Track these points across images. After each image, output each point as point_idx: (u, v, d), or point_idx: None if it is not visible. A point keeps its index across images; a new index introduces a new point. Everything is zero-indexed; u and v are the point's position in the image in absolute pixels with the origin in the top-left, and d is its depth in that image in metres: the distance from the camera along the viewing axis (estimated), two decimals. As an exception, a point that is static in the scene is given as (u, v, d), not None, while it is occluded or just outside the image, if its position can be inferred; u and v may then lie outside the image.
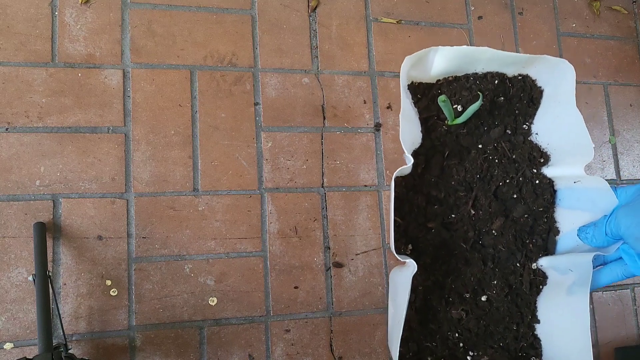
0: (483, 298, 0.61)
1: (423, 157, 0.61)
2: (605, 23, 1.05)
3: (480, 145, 0.62)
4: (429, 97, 0.62)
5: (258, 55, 0.86)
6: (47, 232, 0.73)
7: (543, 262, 0.61)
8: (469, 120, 0.62)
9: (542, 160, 0.62)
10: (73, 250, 0.75)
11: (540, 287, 0.61)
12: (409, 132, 0.58)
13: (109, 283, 0.75)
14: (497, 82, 0.62)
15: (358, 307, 0.82)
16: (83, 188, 0.76)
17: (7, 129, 0.75)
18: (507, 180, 0.62)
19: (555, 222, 0.62)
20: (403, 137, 0.54)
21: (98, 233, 0.76)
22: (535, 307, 0.61)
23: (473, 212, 0.61)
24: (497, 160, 0.62)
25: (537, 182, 0.62)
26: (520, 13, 1.00)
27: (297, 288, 0.81)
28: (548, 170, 0.62)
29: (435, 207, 0.61)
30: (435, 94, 0.62)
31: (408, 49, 0.93)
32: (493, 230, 0.61)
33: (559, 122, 0.59)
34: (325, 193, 0.84)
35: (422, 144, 0.61)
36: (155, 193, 0.78)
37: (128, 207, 0.77)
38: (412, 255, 0.59)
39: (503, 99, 0.62)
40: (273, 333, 0.79)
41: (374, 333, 0.82)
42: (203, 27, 0.85)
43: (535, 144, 0.63)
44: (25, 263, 0.73)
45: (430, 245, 0.61)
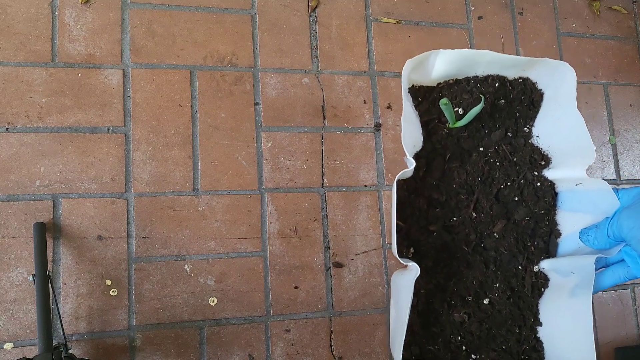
0: (485, 301, 0.60)
1: (424, 160, 0.61)
2: (605, 23, 1.05)
3: (481, 148, 0.62)
4: (430, 100, 0.62)
5: (258, 55, 0.86)
6: (47, 232, 0.73)
7: (545, 264, 0.61)
8: (470, 123, 0.61)
9: (543, 163, 0.62)
10: (73, 250, 0.75)
11: (542, 289, 0.61)
12: (411, 135, 0.58)
13: (109, 283, 0.75)
14: (497, 85, 0.62)
15: (358, 307, 0.82)
16: (83, 188, 0.76)
17: (7, 129, 0.75)
18: (508, 183, 0.62)
19: (557, 224, 0.62)
20: (405, 140, 0.54)
21: (98, 233, 0.76)
22: (537, 309, 0.61)
23: (474, 215, 0.61)
24: (498, 163, 0.62)
25: (538, 184, 0.62)
26: (520, 13, 1.00)
27: (297, 288, 0.81)
28: (549, 173, 0.62)
29: (437, 210, 0.61)
30: (436, 97, 0.62)
31: (408, 49, 0.93)
32: (495, 233, 0.61)
33: (560, 124, 0.59)
34: (325, 193, 0.84)
35: (423, 147, 0.61)
36: (155, 193, 0.78)
37: (128, 207, 0.77)
38: (413, 259, 0.59)
39: (504, 102, 0.62)
40: (273, 333, 0.79)
41: (374, 333, 0.82)
42: (203, 27, 0.85)
43: (536, 147, 0.63)
44: (25, 263, 0.73)
45: (432, 248, 0.61)
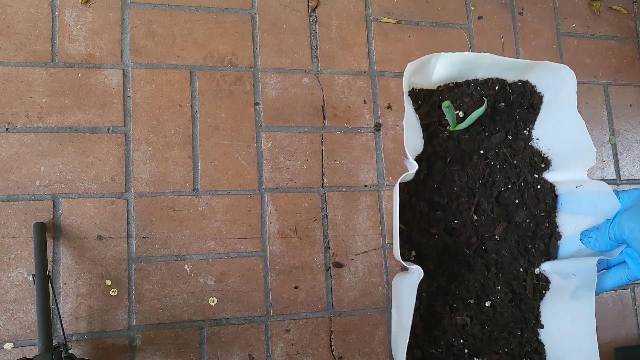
0: (487, 304, 0.61)
1: (425, 163, 0.61)
2: (605, 23, 1.05)
3: (482, 151, 0.62)
4: (430, 103, 0.62)
5: (258, 55, 0.86)
6: (47, 232, 0.73)
7: (545, 266, 0.61)
8: (471, 126, 0.62)
9: (543, 166, 0.62)
10: (73, 250, 0.75)
11: (543, 292, 0.61)
12: (412, 138, 0.58)
13: (109, 283, 0.75)
14: (497, 88, 0.62)
15: (358, 307, 0.82)
16: (83, 188, 0.76)
17: (7, 129, 0.75)
18: (509, 186, 0.62)
19: (557, 226, 0.62)
20: (407, 143, 0.54)
21: (98, 233, 0.76)
22: (539, 312, 0.61)
23: (476, 217, 0.61)
24: (498, 166, 0.62)
25: (538, 187, 0.62)
26: (520, 13, 1.00)
27: (297, 288, 0.81)
28: (549, 175, 0.62)
29: (438, 212, 0.61)
30: (436, 100, 0.62)
31: (408, 49, 0.93)
32: (496, 236, 0.61)
33: (560, 127, 0.59)
34: (325, 193, 0.84)
35: (424, 150, 0.61)
36: (155, 193, 0.78)
37: (128, 207, 0.77)
38: (415, 262, 0.59)
39: (504, 105, 0.63)
40: (273, 333, 0.79)
41: (374, 333, 0.82)
42: (203, 27, 0.85)
43: (536, 149, 0.63)
44: (25, 263, 0.73)
45: (434, 251, 0.61)
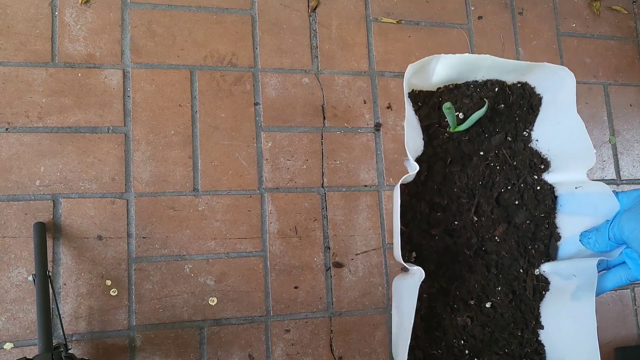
0: (487, 304, 0.61)
1: (425, 164, 0.61)
2: (605, 23, 1.05)
3: (482, 152, 0.63)
4: (430, 104, 0.62)
5: (258, 55, 0.86)
6: (47, 232, 0.73)
7: (545, 267, 0.61)
8: (470, 128, 0.62)
9: (542, 167, 0.62)
10: (73, 250, 0.75)
11: (543, 293, 0.61)
12: (412, 139, 0.59)
13: (109, 283, 0.75)
14: (497, 89, 0.62)
15: (358, 307, 0.82)
16: (83, 188, 0.76)
17: (7, 129, 0.75)
18: (508, 187, 0.62)
19: (557, 227, 0.62)
20: (408, 144, 0.54)
21: (98, 233, 0.76)
22: (539, 312, 0.61)
23: (476, 218, 0.61)
24: (498, 167, 0.62)
25: (538, 188, 0.62)
26: (520, 13, 1.00)
27: (297, 288, 0.81)
28: (549, 177, 0.62)
29: (439, 214, 0.61)
30: (436, 102, 0.62)
31: (408, 49, 0.93)
32: (496, 237, 0.62)
33: (559, 128, 0.60)
34: (325, 193, 0.84)
35: (424, 152, 0.61)
36: (155, 193, 0.79)
37: (128, 207, 0.77)
38: (416, 263, 0.59)
39: (503, 106, 0.63)
40: (273, 333, 0.79)
41: (374, 333, 0.82)
42: (203, 27, 0.85)
43: (536, 151, 0.63)
44: (25, 263, 0.73)
45: (434, 252, 0.61)
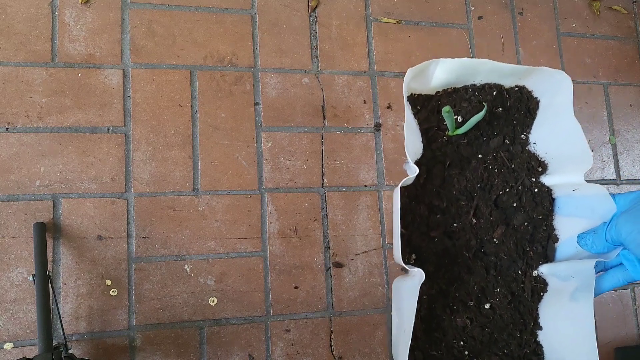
0: (486, 306, 0.61)
1: (424, 167, 0.62)
2: (605, 23, 1.05)
3: (480, 155, 0.63)
4: (429, 108, 0.63)
5: (258, 55, 0.86)
6: (47, 232, 0.73)
7: (543, 269, 0.61)
8: (469, 131, 0.62)
9: (540, 169, 0.63)
10: (73, 250, 0.75)
11: (541, 294, 0.61)
12: (412, 142, 0.59)
13: (109, 283, 0.75)
14: (495, 93, 0.63)
15: (358, 307, 0.82)
16: (83, 188, 0.76)
17: (7, 129, 0.75)
18: (507, 189, 0.62)
19: (554, 229, 0.62)
20: (407, 148, 0.55)
21: (98, 233, 0.76)
22: (537, 314, 0.62)
23: (475, 220, 0.62)
24: (496, 170, 0.63)
25: (536, 190, 0.62)
26: (520, 13, 1.00)
27: (297, 288, 0.81)
28: (546, 179, 0.62)
29: (438, 216, 0.62)
30: (435, 105, 0.63)
31: (408, 49, 0.93)
32: (494, 239, 0.62)
33: (557, 131, 0.60)
34: (325, 193, 0.84)
35: (423, 155, 0.62)
36: (155, 193, 0.78)
37: (128, 207, 0.77)
38: (415, 264, 0.59)
39: (501, 110, 0.63)
40: (273, 333, 0.79)
41: (374, 333, 0.82)
42: (203, 27, 0.85)
43: (533, 153, 0.64)
44: (25, 263, 0.73)
45: (434, 254, 0.61)
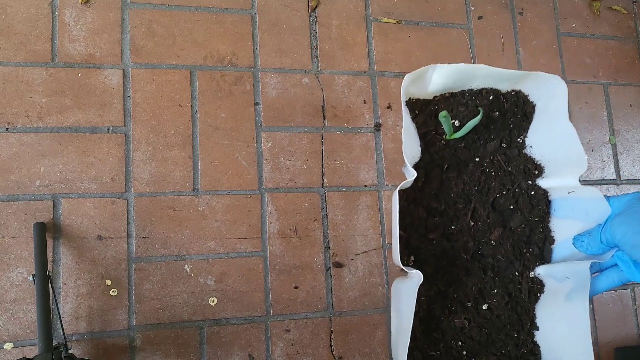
0: (484, 307, 0.62)
1: (423, 170, 0.63)
2: (605, 23, 1.05)
3: (477, 159, 0.64)
4: (427, 112, 0.64)
5: (258, 55, 0.86)
6: (47, 232, 0.73)
7: (540, 270, 0.62)
8: (466, 135, 0.64)
9: (536, 172, 0.64)
10: (73, 250, 0.75)
11: (538, 295, 0.62)
12: (410, 146, 0.60)
13: (109, 283, 0.75)
14: (491, 97, 0.64)
15: (358, 307, 0.82)
16: (83, 188, 0.76)
17: (7, 129, 0.75)
18: (503, 192, 0.64)
19: (551, 231, 0.63)
20: (406, 152, 0.56)
21: (98, 233, 0.76)
22: (534, 314, 0.63)
23: (472, 223, 0.63)
24: (493, 173, 0.64)
25: (532, 193, 0.64)
26: (520, 13, 1.00)
27: (297, 288, 0.81)
28: (542, 182, 0.64)
29: (436, 218, 0.63)
30: (433, 110, 0.64)
31: (408, 49, 0.93)
32: (492, 241, 0.63)
33: (552, 135, 0.61)
34: (325, 193, 0.84)
35: (421, 158, 0.63)
36: (155, 193, 0.79)
37: (128, 207, 0.77)
38: (414, 266, 0.60)
39: (498, 114, 0.64)
40: (273, 333, 0.79)
41: (374, 333, 0.82)
42: (203, 27, 0.85)
43: (530, 157, 0.65)
44: (25, 263, 0.73)
45: (432, 256, 0.62)
